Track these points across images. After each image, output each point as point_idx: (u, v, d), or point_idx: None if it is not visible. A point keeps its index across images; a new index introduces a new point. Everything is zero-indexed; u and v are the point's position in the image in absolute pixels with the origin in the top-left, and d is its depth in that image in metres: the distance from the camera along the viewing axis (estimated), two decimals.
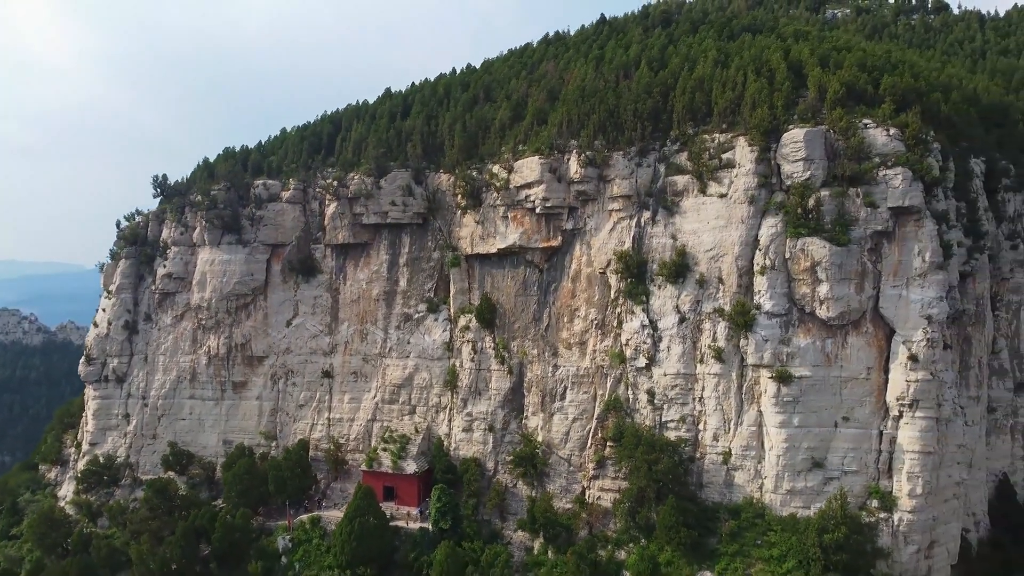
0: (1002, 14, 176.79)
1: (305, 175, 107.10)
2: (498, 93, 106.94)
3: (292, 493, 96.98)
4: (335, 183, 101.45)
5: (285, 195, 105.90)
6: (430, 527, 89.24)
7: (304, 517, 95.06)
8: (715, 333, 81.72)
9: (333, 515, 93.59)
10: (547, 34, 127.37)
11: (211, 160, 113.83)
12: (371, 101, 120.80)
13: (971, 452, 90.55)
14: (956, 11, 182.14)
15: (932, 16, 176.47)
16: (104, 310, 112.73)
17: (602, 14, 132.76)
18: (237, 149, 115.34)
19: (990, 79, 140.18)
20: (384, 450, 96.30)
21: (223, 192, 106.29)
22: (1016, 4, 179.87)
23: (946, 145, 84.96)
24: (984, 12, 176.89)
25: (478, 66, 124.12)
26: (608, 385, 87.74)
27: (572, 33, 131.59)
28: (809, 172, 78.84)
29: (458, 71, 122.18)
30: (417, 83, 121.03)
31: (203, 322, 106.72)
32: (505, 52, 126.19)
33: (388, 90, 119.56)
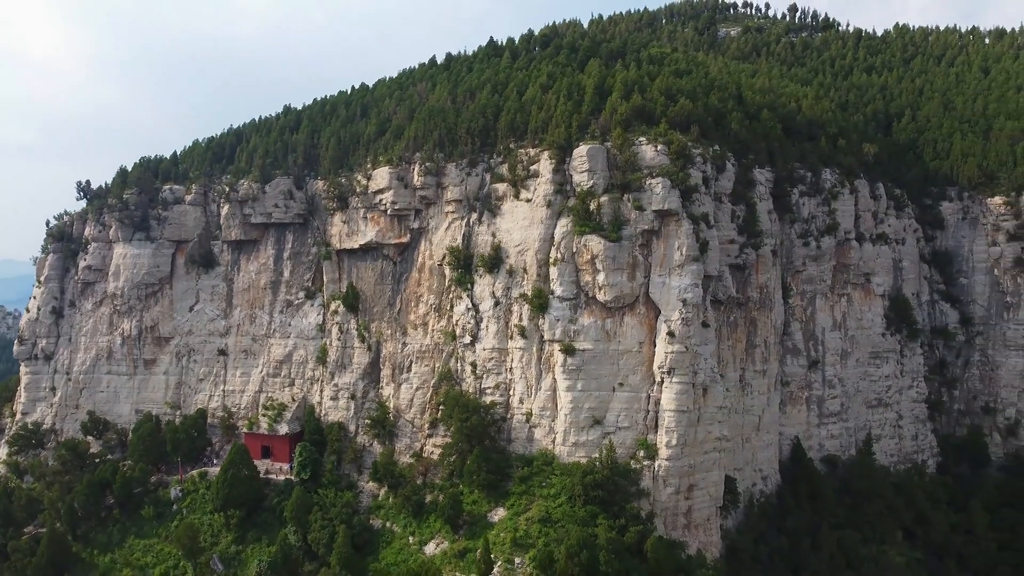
0: (880, 33, 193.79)
1: (206, 181, 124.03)
2: (373, 111, 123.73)
3: (186, 453, 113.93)
4: (227, 188, 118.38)
5: (188, 198, 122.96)
6: (295, 478, 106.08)
7: (194, 472, 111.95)
8: (521, 314, 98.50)
9: (219, 471, 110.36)
10: (434, 56, 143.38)
11: (128, 168, 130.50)
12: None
13: (756, 416, 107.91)
14: (846, 28, 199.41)
15: (817, 34, 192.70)
16: (35, 298, 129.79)
17: (491, 37, 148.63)
18: (152, 158, 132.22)
19: (845, 95, 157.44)
20: (263, 416, 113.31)
21: (134, 196, 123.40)
22: (897, 24, 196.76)
23: (722, 158, 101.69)
24: (865, 30, 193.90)
25: (374, 83, 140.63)
26: (442, 359, 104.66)
27: (470, 54, 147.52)
28: (592, 181, 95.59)
29: (351, 90, 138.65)
30: (315, 100, 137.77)
31: (118, 308, 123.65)
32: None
33: (287, 106, 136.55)
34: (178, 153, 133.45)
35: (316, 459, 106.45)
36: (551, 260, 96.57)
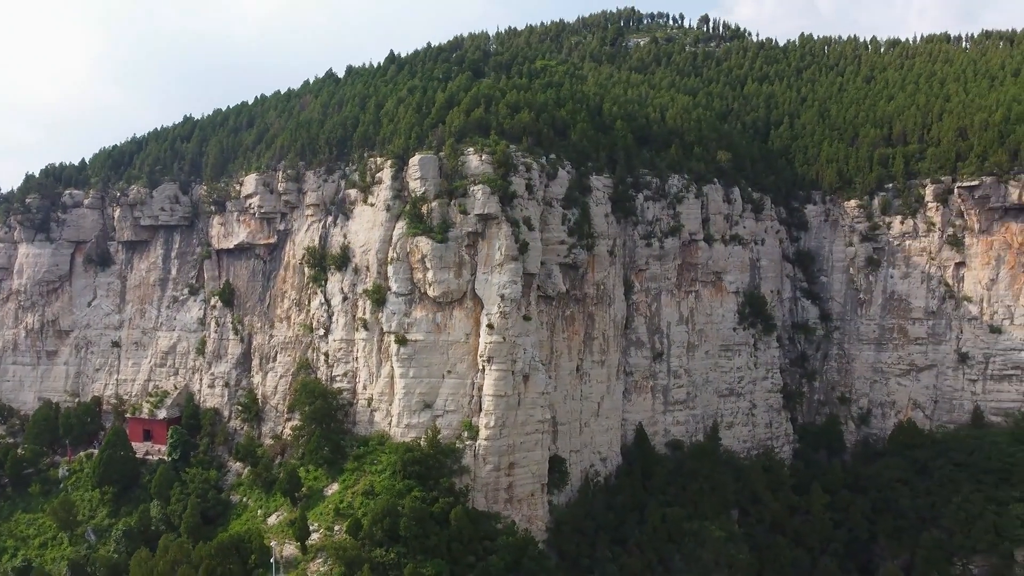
0: (783, 43, 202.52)
1: (104, 186, 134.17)
2: (258, 121, 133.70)
3: (77, 436, 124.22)
4: (118, 193, 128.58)
5: (86, 202, 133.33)
6: (167, 458, 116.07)
7: (82, 454, 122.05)
8: (364, 308, 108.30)
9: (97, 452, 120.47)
10: (331, 69, 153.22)
11: (35, 175, 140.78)
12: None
13: (595, 403, 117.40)
14: (756, 38, 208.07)
15: (720, 45, 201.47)
16: None
17: (391, 51, 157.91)
18: (57, 165, 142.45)
19: (731, 103, 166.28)
20: (146, 402, 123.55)
21: (36, 200, 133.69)
22: (802, 34, 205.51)
23: (555, 166, 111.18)
24: (768, 39, 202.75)
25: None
26: (301, 349, 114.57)
27: (375, 65, 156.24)
28: (424, 188, 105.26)
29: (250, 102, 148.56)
30: (215, 110, 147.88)
31: (22, 303, 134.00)
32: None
33: (186, 116, 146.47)
34: (86, 160, 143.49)
35: (187, 441, 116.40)
36: (389, 259, 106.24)
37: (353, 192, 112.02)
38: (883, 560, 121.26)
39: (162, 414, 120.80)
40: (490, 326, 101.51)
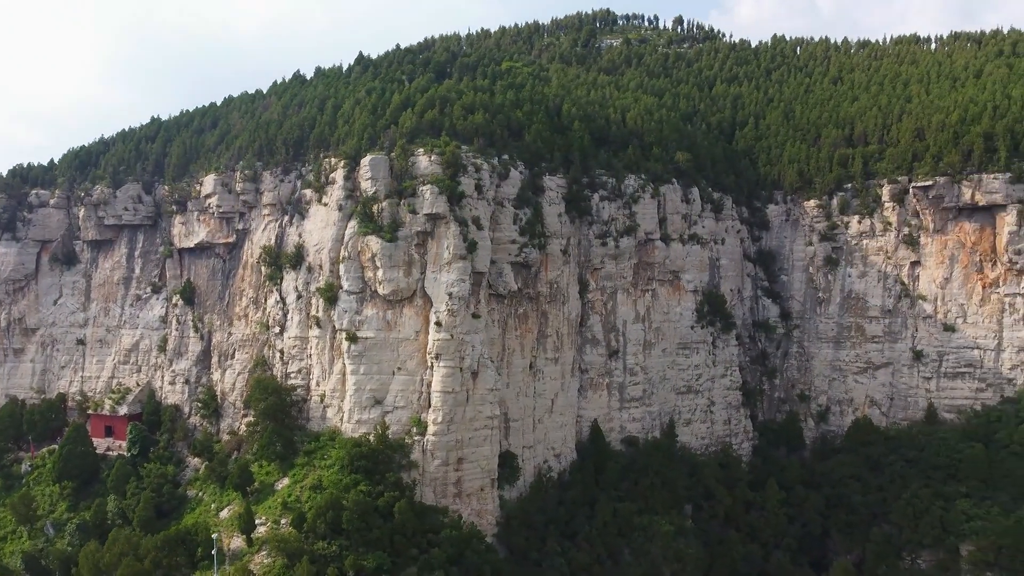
0: (755, 44, 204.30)
1: (70, 186, 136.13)
2: (222, 122, 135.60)
3: (41, 432, 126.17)
4: (83, 193, 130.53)
5: (52, 201, 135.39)
6: (126, 454, 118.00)
7: (45, 449, 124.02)
8: (317, 306, 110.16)
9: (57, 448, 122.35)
10: (298, 70, 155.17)
11: (1, 174, 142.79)
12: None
13: (549, 400, 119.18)
14: (730, 39, 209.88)
15: (693, 46, 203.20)
16: None
17: (360, 52, 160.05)
18: (24, 166, 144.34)
19: (697, 104, 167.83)
20: (109, 399, 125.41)
21: (3, 200, 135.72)
22: (775, 35, 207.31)
23: (507, 167, 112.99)
24: (741, 41, 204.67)
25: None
26: (258, 347, 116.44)
27: (338, 67, 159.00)
28: (375, 188, 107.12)
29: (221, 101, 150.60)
30: (182, 111, 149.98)
31: None
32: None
33: (153, 117, 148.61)
34: (55, 160, 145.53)
35: (146, 437, 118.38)
36: (340, 258, 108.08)
37: (308, 192, 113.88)
38: (836, 555, 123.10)
39: (123, 410, 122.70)
40: (438, 324, 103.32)
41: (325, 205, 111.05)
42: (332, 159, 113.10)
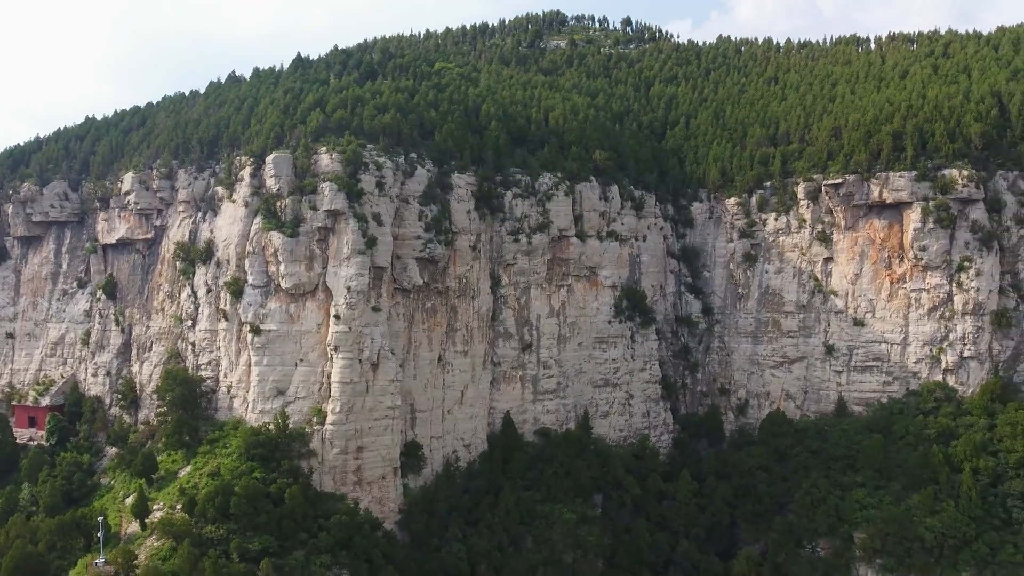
0: (702, 44, 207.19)
1: (1, 184, 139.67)
2: (149, 122, 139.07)
3: None
4: (10, 191, 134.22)
5: None
6: (45, 444, 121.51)
7: None
8: (225, 300, 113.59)
9: None
10: (233, 71, 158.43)
11: None
12: None
13: (458, 391, 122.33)
14: (676, 39, 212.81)
15: (639, 47, 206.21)
16: None
17: (298, 53, 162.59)
18: None
19: (632, 103, 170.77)
20: (32, 391, 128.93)
21: None
22: (720, 35, 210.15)
23: (413, 164, 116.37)
24: (686, 41, 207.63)
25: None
26: (172, 339, 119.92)
27: (275, 68, 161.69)
28: (279, 185, 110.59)
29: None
30: (115, 111, 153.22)
31: None
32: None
33: (87, 117, 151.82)
34: None
35: (65, 427, 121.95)
36: (246, 253, 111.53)
37: (220, 189, 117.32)
38: (743, 544, 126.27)
39: (46, 401, 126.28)
40: (337, 316, 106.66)
41: (234, 202, 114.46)
42: (242, 157, 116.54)
